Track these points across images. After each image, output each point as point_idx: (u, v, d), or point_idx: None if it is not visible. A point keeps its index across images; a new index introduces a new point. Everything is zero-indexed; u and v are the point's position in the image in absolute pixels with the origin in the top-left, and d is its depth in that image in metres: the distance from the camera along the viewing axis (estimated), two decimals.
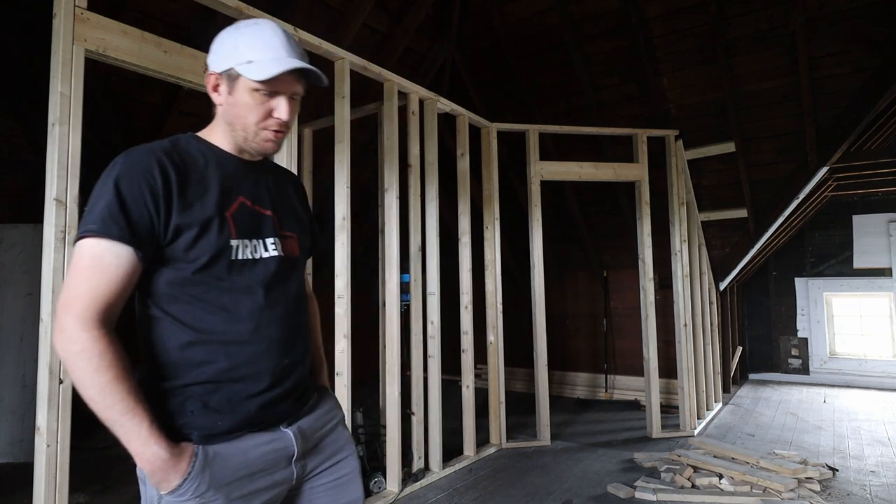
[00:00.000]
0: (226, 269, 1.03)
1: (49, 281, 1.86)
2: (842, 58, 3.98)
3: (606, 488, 3.24)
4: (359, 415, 3.38)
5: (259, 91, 1.04)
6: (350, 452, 1.24)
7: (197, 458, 0.98)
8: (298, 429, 1.12)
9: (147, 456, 0.93)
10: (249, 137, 1.08)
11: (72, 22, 1.96)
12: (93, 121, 3.62)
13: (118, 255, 0.95)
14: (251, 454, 1.04)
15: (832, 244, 6.70)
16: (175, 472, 0.95)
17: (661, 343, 5.04)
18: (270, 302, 1.08)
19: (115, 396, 0.91)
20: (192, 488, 0.96)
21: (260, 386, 1.05)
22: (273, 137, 1.09)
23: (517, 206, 5.68)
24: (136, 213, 0.96)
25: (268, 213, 1.13)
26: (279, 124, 1.07)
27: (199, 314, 1.01)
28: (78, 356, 0.92)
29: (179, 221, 0.99)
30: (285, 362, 1.09)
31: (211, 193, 1.04)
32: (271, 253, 1.10)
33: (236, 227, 1.05)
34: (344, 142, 3.03)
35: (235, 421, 1.03)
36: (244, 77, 1.03)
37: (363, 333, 4.09)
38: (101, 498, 3.11)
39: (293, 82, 1.07)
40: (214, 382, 1.01)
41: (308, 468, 1.15)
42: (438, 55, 5.23)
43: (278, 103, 1.06)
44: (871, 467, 3.60)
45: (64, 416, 1.84)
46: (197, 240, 1.00)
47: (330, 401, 1.27)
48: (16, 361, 3.77)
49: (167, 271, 1.01)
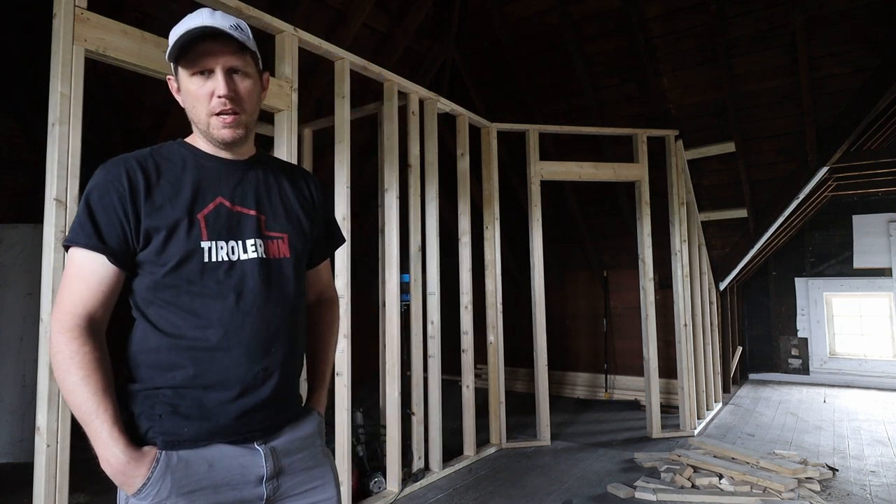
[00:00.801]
0: (198, 272, 1.01)
1: (49, 281, 1.86)
2: (842, 58, 3.98)
3: (606, 488, 3.24)
4: (359, 415, 3.38)
5: (194, 74, 1.02)
6: (328, 481, 1.16)
7: (158, 462, 0.97)
8: (271, 449, 1.07)
9: (107, 457, 0.95)
10: (205, 129, 1.06)
11: (72, 22, 1.96)
12: (93, 121, 3.61)
13: (93, 261, 0.99)
14: (217, 465, 1.02)
15: (832, 244, 6.70)
16: (135, 475, 0.95)
17: (661, 343, 5.04)
18: (244, 306, 1.03)
19: (81, 397, 0.94)
20: (152, 493, 0.96)
21: (230, 394, 1.01)
22: (224, 122, 1.04)
23: (517, 206, 5.68)
24: (105, 220, 0.99)
25: (251, 214, 1.09)
26: (222, 103, 1.02)
27: (171, 318, 1.01)
28: (54, 357, 0.97)
29: (148, 225, 1.00)
30: (257, 370, 1.03)
31: (182, 196, 1.03)
32: (250, 255, 1.06)
33: (208, 229, 1.03)
34: (344, 142, 3.03)
35: (203, 428, 1.01)
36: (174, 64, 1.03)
37: (363, 333, 4.09)
38: (101, 498, 3.12)
39: (222, 55, 1.02)
40: (183, 388, 1.00)
41: (281, 489, 1.09)
42: (438, 55, 5.23)
43: (216, 80, 1.02)
44: (871, 467, 3.60)
45: (64, 416, 1.83)
46: (166, 242, 1.00)
47: (313, 424, 1.18)
48: (16, 361, 3.77)
49: (143, 276, 1.02)
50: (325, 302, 1.34)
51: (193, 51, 1.01)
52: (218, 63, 1.02)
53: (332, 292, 1.36)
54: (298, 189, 1.20)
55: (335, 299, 1.36)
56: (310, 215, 1.20)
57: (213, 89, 1.02)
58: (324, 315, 1.33)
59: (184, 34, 1.00)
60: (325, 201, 1.26)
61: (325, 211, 1.27)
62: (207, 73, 1.03)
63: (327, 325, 1.32)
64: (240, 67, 1.04)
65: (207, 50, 1.01)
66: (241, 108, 1.05)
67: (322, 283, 1.33)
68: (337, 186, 3.00)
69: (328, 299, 1.34)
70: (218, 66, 1.02)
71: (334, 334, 1.35)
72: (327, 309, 1.33)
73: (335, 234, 1.31)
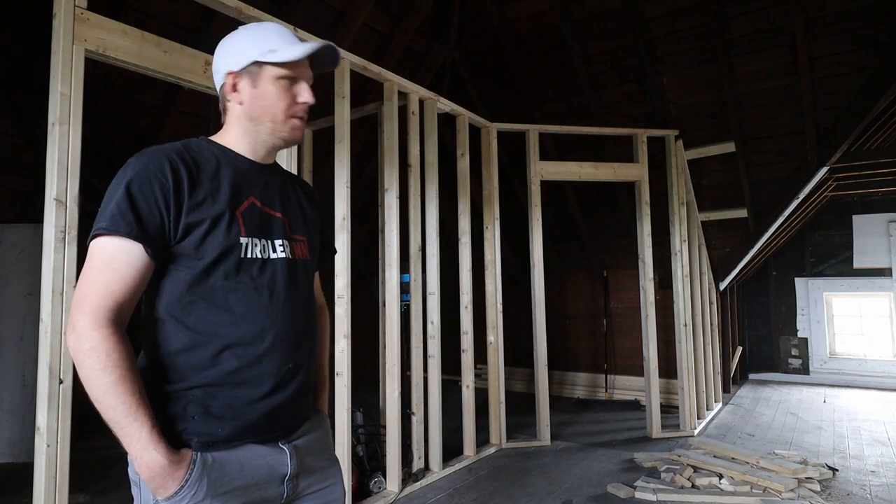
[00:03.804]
0: (234, 268, 1.02)
1: (49, 281, 1.85)
2: (842, 58, 3.98)
3: (606, 488, 3.24)
4: (359, 415, 3.38)
5: (283, 78, 1.09)
6: (338, 481, 1.21)
7: (195, 465, 0.97)
8: (294, 448, 1.10)
9: (146, 461, 0.92)
10: (278, 127, 1.11)
11: (72, 22, 1.96)
12: (93, 121, 3.62)
13: (129, 252, 0.96)
14: (248, 465, 1.03)
15: (832, 244, 6.71)
16: (173, 478, 0.94)
17: (661, 343, 5.04)
18: (276, 303, 1.06)
19: (119, 398, 0.91)
20: (188, 495, 0.95)
21: (262, 390, 1.03)
22: (300, 124, 1.13)
23: (517, 206, 5.68)
24: (146, 210, 0.96)
25: (277, 216, 1.13)
26: (305, 109, 1.12)
27: (203, 315, 1.01)
28: (86, 354, 0.92)
29: (189, 219, 0.99)
30: (289, 366, 1.07)
31: (223, 191, 1.05)
32: (279, 254, 1.09)
33: (246, 226, 1.05)
34: (344, 142, 3.03)
35: (236, 428, 1.02)
36: (269, 66, 1.08)
37: (363, 333, 4.09)
38: (101, 498, 3.11)
39: (308, 68, 1.13)
40: (216, 386, 1.00)
41: (299, 488, 1.12)
42: (438, 55, 5.23)
43: (301, 88, 1.11)
44: (871, 467, 3.60)
45: (64, 416, 1.83)
46: (206, 236, 1.00)
47: (325, 425, 1.25)
48: (16, 361, 3.77)
49: (175, 271, 1.01)
50: (320, 309, 1.39)
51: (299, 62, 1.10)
52: (306, 74, 1.13)
53: (323, 301, 1.42)
54: (308, 197, 1.27)
55: (326, 308, 1.43)
56: (318, 223, 1.28)
57: (297, 94, 1.11)
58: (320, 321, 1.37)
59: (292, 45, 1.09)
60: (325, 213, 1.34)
61: (325, 223, 1.33)
62: (293, 80, 1.10)
63: (323, 331, 1.37)
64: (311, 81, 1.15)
65: (304, 64, 1.12)
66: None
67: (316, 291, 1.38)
68: (337, 186, 3.00)
69: (321, 306, 1.39)
70: (305, 77, 1.12)
71: (328, 340, 1.41)
72: (322, 316, 1.38)
73: (331, 246, 1.39)
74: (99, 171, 3.56)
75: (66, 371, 1.84)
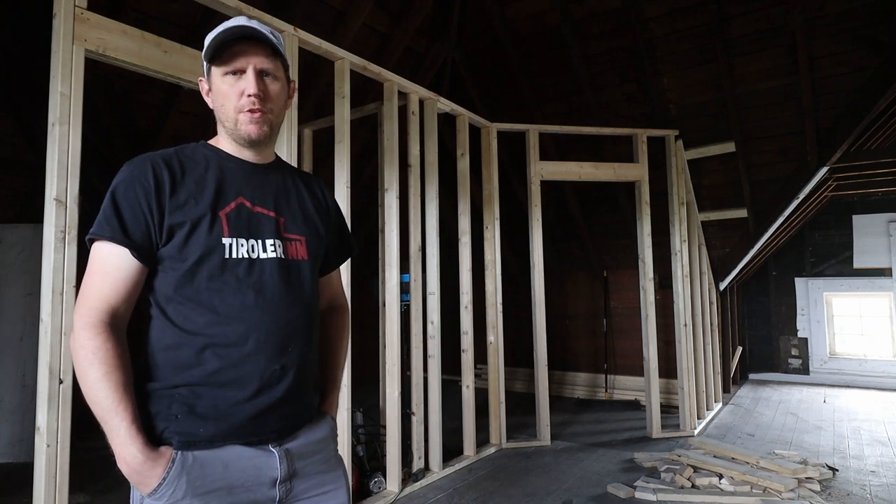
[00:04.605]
0: (219, 268, 1.02)
1: (49, 281, 1.85)
2: (842, 58, 3.98)
3: (606, 488, 3.24)
4: (359, 415, 3.38)
5: (228, 74, 1.07)
6: (339, 486, 1.17)
7: (174, 463, 0.98)
8: (286, 451, 1.08)
9: (124, 455, 0.95)
10: (233, 126, 1.09)
11: (72, 22, 1.96)
12: (93, 121, 3.62)
13: (118, 256, 1.00)
14: (232, 466, 1.02)
15: (832, 244, 6.71)
16: (151, 475, 0.96)
17: (661, 343, 5.04)
18: (263, 304, 1.05)
19: (102, 393, 0.95)
20: (167, 493, 0.96)
21: (247, 392, 1.02)
22: (251, 118, 1.07)
23: (517, 206, 5.68)
24: (130, 215, 1.00)
25: (270, 215, 1.12)
26: (251, 102, 1.06)
27: (190, 315, 1.01)
28: (76, 353, 0.97)
29: (172, 221, 1.01)
30: (275, 368, 1.05)
31: (206, 193, 1.05)
32: (269, 254, 1.08)
33: (229, 226, 1.05)
34: (344, 142, 3.03)
35: (220, 429, 1.01)
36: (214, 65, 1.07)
37: (363, 333, 4.09)
38: (101, 498, 3.11)
39: (255, 56, 1.07)
40: (200, 385, 1.00)
41: (294, 492, 1.10)
42: (438, 55, 5.23)
43: (246, 80, 1.06)
44: (871, 467, 3.60)
45: (64, 416, 1.83)
46: (188, 237, 1.01)
47: (327, 429, 1.20)
48: (16, 361, 3.77)
49: (163, 272, 1.03)
50: (337, 308, 1.36)
51: (229, 51, 1.06)
52: (250, 63, 1.07)
53: (343, 300, 1.38)
54: (313, 194, 1.23)
55: (346, 307, 1.39)
56: (324, 220, 1.23)
57: (244, 88, 1.06)
58: (335, 321, 1.34)
59: (221, 33, 1.05)
60: (338, 209, 1.30)
61: (339, 218, 1.30)
62: (239, 73, 1.07)
63: (338, 332, 1.34)
64: (270, 71, 1.09)
65: (241, 50, 1.06)
66: (268, 107, 1.09)
67: (334, 290, 1.35)
68: (337, 186, 3.01)
69: (339, 306, 1.36)
70: (250, 67, 1.07)
71: (345, 340, 1.36)
72: (338, 315, 1.35)
73: (348, 242, 1.34)
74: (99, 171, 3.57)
75: (66, 371, 1.84)
